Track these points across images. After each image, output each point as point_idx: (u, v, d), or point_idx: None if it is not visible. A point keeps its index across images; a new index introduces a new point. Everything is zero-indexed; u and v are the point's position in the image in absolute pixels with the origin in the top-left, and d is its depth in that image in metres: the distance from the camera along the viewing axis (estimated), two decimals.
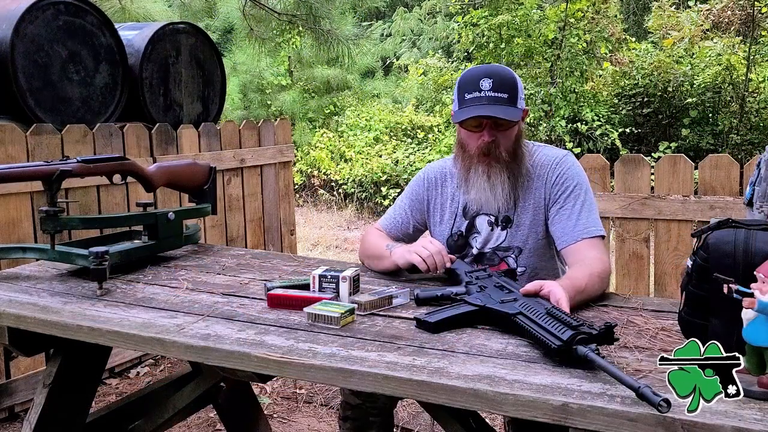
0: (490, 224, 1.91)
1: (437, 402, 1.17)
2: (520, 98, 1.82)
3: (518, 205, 1.88)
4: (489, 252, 1.91)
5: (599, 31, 8.18)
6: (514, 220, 1.88)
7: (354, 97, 11.23)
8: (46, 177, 1.84)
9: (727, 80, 7.83)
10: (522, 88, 1.85)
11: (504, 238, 1.89)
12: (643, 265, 3.22)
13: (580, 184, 1.85)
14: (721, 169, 3.07)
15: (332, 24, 5.69)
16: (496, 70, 1.82)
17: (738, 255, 1.21)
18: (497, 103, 1.77)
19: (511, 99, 1.78)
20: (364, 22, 10.28)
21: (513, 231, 1.88)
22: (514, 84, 1.80)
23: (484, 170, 1.83)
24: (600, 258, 1.73)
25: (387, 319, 1.50)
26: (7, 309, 1.60)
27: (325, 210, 8.60)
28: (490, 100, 1.77)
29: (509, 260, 1.90)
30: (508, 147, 1.82)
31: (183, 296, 1.68)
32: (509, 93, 1.78)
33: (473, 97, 1.79)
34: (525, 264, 1.89)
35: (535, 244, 1.88)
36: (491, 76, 1.79)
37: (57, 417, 1.78)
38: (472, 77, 1.81)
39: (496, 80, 1.78)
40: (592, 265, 1.69)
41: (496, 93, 1.77)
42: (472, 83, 1.79)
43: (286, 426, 2.85)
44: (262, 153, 4.32)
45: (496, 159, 1.82)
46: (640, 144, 8.20)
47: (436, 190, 2.01)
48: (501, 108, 1.77)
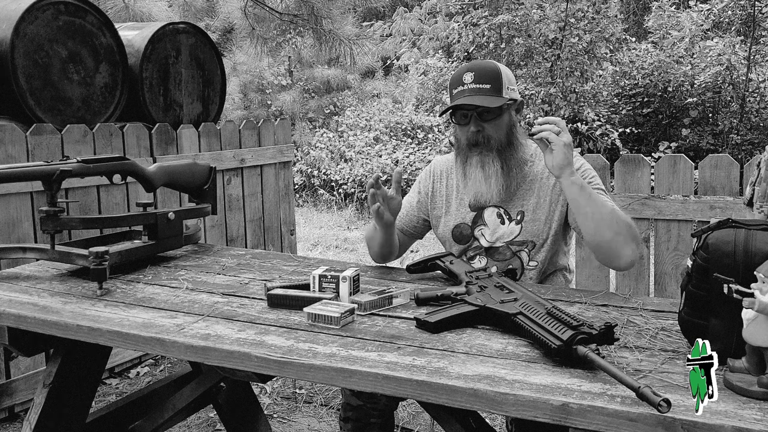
0: (500, 216, 1.92)
1: (437, 402, 1.17)
2: (507, 88, 1.85)
3: (533, 200, 1.89)
4: (502, 246, 1.92)
5: (599, 31, 8.18)
6: (529, 214, 1.89)
7: (354, 97, 11.23)
8: (46, 177, 1.84)
9: (727, 80, 7.83)
10: (509, 78, 1.88)
11: (519, 232, 1.90)
12: (643, 265, 3.22)
13: (596, 176, 1.89)
14: (721, 169, 3.07)
15: (333, 24, 5.69)
16: (478, 64, 1.89)
17: (738, 255, 1.21)
18: (479, 94, 1.82)
19: (495, 89, 1.83)
20: (364, 22, 10.28)
21: (528, 225, 1.89)
22: (496, 74, 1.84)
23: (477, 161, 1.87)
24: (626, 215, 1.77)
25: (387, 319, 1.50)
26: (7, 309, 1.59)
27: (325, 210, 8.60)
28: (473, 91, 1.82)
29: (522, 254, 1.90)
30: (498, 136, 1.86)
31: (183, 296, 1.68)
32: (492, 83, 1.83)
33: (458, 92, 1.85)
34: (537, 259, 1.90)
35: (549, 239, 1.89)
36: (473, 69, 1.86)
37: (57, 417, 1.78)
38: (457, 74, 1.89)
39: (477, 72, 1.84)
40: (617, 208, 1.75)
41: (478, 84, 1.83)
42: (457, 79, 1.87)
43: (286, 426, 2.85)
44: (262, 153, 4.32)
45: (487, 148, 1.86)
46: (640, 144, 8.21)
47: (441, 182, 2.04)
48: (480, 97, 1.81)
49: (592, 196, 1.71)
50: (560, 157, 1.70)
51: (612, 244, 1.70)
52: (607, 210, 1.71)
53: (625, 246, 1.70)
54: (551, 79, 8.08)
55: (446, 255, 1.83)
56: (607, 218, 1.70)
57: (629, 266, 1.76)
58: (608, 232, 1.69)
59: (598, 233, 1.70)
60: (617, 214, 1.72)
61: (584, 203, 1.70)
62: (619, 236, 1.69)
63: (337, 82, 11.09)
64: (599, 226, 1.70)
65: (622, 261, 1.72)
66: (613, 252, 1.71)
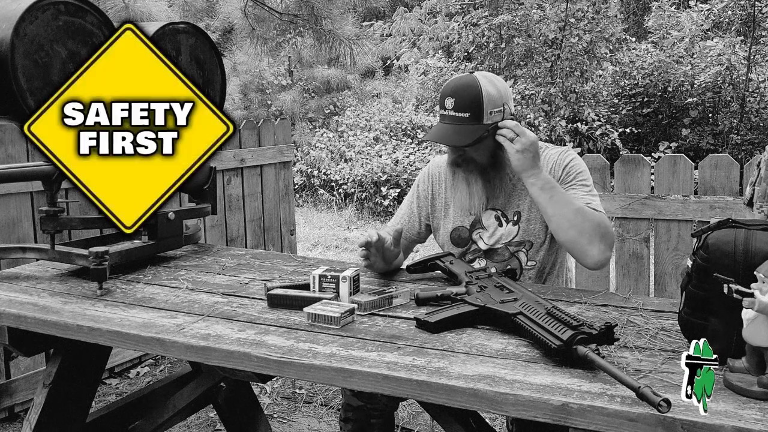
0: (498, 219, 1.92)
1: (437, 402, 1.17)
2: (490, 112, 1.78)
3: (528, 199, 1.89)
4: (500, 248, 1.92)
5: (599, 31, 8.17)
6: (525, 214, 1.89)
7: (354, 97, 11.22)
8: (46, 177, 1.84)
9: (727, 80, 7.83)
10: (493, 100, 1.78)
11: (516, 233, 1.90)
12: (643, 265, 3.22)
13: (585, 172, 1.89)
14: (721, 169, 3.08)
15: (333, 24, 5.68)
16: (462, 86, 1.80)
17: (738, 255, 1.21)
18: (456, 122, 1.79)
19: (474, 116, 1.77)
20: (364, 22, 10.28)
21: (524, 225, 1.90)
22: (477, 101, 1.77)
23: (462, 177, 1.89)
24: (600, 213, 1.78)
25: (387, 319, 1.50)
26: (7, 309, 1.60)
27: (325, 210, 8.59)
28: (452, 120, 1.80)
29: (520, 255, 1.90)
30: (480, 159, 1.86)
31: (183, 296, 1.68)
32: (471, 111, 1.77)
33: (441, 115, 1.84)
34: (536, 258, 1.90)
35: (546, 237, 1.89)
36: (454, 94, 1.80)
37: (57, 417, 1.78)
38: (443, 93, 1.85)
39: (458, 99, 1.79)
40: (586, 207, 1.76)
41: (457, 112, 1.79)
42: (442, 100, 1.84)
43: (286, 426, 2.85)
44: (262, 153, 4.32)
45: (469, 169, 1.88)
46: (640, 144, 8.20)
47: (440, 185, 2.03)
48: (455, 128, 1.79)
49: (554, 197, 1.72)
50: (516, 163, 1.74)
51: (576, 244, 1.72)
52: (571, 210, 1.72)
53: (590, 246, 1.72)
54: (551, 79, 8.08)
55: (446, 255, 1.84)
56: (570, 217, 1.72)
57: (597, 266, 1.77)
58: (571, 231, 1.72)
59: (561, 231, 1.74)
60: (584, 213, 1.73)
61: (545, 204, 1.73)
62: (582, 236, 1.71)
63: (337, 82, 11.09)
64: (561, 225, 1.73)
65: (588, 260, 1.74)
66: (579, 251, 1.73)
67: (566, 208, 1.72)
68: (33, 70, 3.29)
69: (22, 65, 3.24)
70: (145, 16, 5.96)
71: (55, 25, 3.40)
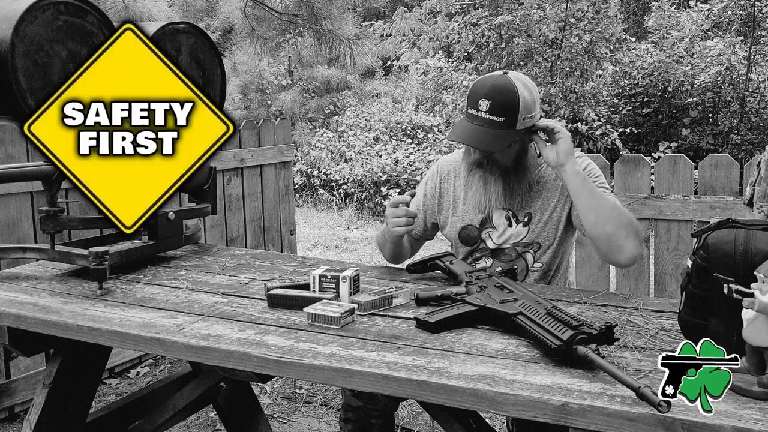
0: (508, 219, 1.92)
1: (437, 402, 1.17)
2: (524, 118, 1.75)
3: (540, 202, 1.89)
4: (508, 248, 1.92)
5: (599, 31, 8.18)
6: (536, 216, 1.89)
7: (354, 97, 11.22)
8: (46, 177, 1.84)
9: (727, 80, 7.83)
10: (528, 106, 1.74)
11: (525, 234, 1.90)
12: (643, 265, 3.22)
13: (601, 176, 1.88)
14: (721, 169, 3.08)
15: (333, 24, 5.68)
16: (499, 90, 1.74)
17: (738, 255, 1.21)
18: (490, 126, 1.73)
19: (509, 123, 1.73)
20: (364, 22, 10.28)
21: (535, 227, 1.89)
22: (514, 106, 1.72)
23: (480, 177, 1.87)
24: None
25: (387, 319, 1.50)
26: (7, 309, 1.60)
27: (325, 210, 8.59)
28: (484, 122, 1.74)
29: (527, 256, 1.90)
30: (505, 162, 1.84)
31: (183, 296, 1.68)
32: (507, 116, 1.72)
33: (471, 115, 1.77)
34: (542, 260, 1.90)
35: (554, 240, 1.89)
36: (491, 97, 1.73)
37: (57, 417, 1.78)
38: (476, 92, 1.77)
39: (494, 103, 1.72)
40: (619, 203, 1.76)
41: (492, 116, 1.73)
42: (474, 99, 1.76)
43: (286, 426, 2.85)
44: (262, 153, 4.32)
45: (491, 171, 1.85)
46: (640, 144, 8.20)
47: (448, 183, 2.02)
48: (488, 131, 1.73)
49: (594, 190, 1.72)
50: (566, 144, 1.72)
51: (613, 238, 1.70)
52: (609, 203, 1.72)
53: (626, 240, 1.70)
54: (551, 79, 8.08)
55: (446, 255, 1.83)
56: (609, 210, 1.70)
57: (631, 262, 1.75)
58: (609, 225, 1.69)
59: (599, 225, 1.70)
60: (620, 208, 1.74)
61: (587, 193, 1.71)
62: (620, 230, 1.69)
63: (337, 82, 11.09)
64: (600, 218, 1.70)
65: (623, 255, 1.71)
66: (615, 245, 1.70)
67: (605, 201, 1.72)
68: (33, 70, 3.29)
69: (22, 65, 3.24)
70: (145, 16, 5.96)
71: (55, 25, 3.41)
